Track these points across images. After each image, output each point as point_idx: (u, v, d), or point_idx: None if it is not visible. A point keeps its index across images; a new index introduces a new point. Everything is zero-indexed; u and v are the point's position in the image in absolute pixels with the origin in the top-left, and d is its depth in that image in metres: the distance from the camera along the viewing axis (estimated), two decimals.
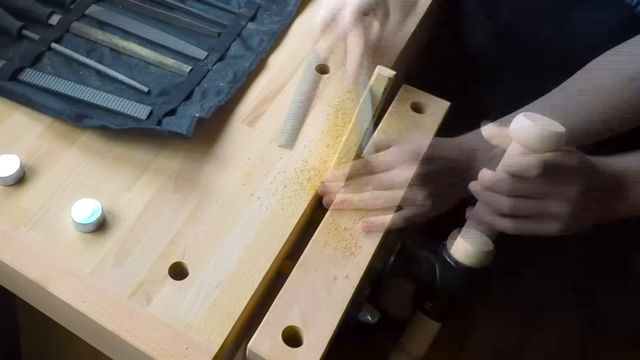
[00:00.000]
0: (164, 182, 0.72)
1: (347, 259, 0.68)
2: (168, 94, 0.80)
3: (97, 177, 0.72)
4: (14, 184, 0.70)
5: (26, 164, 0.71)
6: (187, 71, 0.82)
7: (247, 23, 0.89)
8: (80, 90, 0.78)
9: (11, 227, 0.67)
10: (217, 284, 0.65)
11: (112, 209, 0.69)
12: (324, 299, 0.65)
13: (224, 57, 0.85)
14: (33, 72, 0.79)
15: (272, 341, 0.61)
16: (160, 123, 0.75)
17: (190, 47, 0.85)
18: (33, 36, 0.83)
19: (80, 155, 0.73)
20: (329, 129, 0.79)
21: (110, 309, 0.62)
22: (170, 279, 0.65)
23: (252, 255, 0.68)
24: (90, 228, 0.67)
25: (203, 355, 0.60)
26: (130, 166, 0.73)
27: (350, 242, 0.69)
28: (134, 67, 0.82)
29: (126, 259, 0.66)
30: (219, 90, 0.80)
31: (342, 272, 0.67)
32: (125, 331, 0.61)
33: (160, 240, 0.68)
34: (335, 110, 0.81)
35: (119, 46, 0.84)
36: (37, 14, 0.85)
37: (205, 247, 0.68)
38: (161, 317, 0.62)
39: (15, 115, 0.76)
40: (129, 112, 0.76)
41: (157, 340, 0.61)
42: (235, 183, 0.73)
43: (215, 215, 0.70)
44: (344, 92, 0.83)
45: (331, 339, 0.63)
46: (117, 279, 0.64)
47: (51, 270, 0.64)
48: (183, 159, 0.74)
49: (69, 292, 0.63)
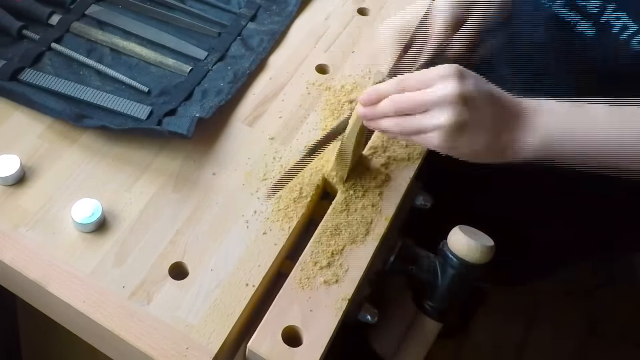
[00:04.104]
0: (164, 182, 0.72)
1: (347, 259, 0.68)
2: (168, 94, 0.80)
3: (97, 177, 0.72)
4: (14, 184, 0.70)
5: (26, 164, 0.71)
6: (187, 71, 0.82)
7: (247, 23, 0.89)
8: (80, 90, 0.78)
9: (11, 227, 0.67)
10: (217, 284, 0.65)
11: (112, 209, 0.69)
12: (323, 299, 0.65)
13: (224, 57, 0.85)
14: (33, 72, 0.79)
15: (272, 341, 0.61)
16: (161, 123, 0.75)
17: (191, 47, 0.85)
18: (33, 36, 0.83)
19: (80, 155, 0.73)
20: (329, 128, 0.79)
21: (110, 309, 0.62)
22: (170, 279, 0.65)
23: (252, 255, 0.68)
24: (90, 228, 0.67)
25: (203, 355, 0.61)
26: (130, 166, 0.73)
27: (351, 242, 0.69)
28: (134, 67, 0.82)
29: (126, 259, 0.66)
30: (219, 90, 0.80)
31: (343, 272, 0.67)
32: (125, 331, 0.61)
33: (160, 240, 0.68)
34: (332, 111, 0.81)
35: (119, 46, 0.84)
36: (37, 14, 0.85)
37: (205, 247, 0.68)
38: (161, 317, 0.62)
39: (15, 115, 0.76)
40: (129, 112, 0.76)
41: (157, 340, 0.61)
42: (235, 183, 0.73)
43: (215, 215, 0.70)
44: (344, 94, 0.83)
45: (331, 339, 0.63)
46: (117, 279, 0.64)
47: (51, 270, 0.64)
48: (183, 159, 0.74)
49: (69, 292, 0.63)
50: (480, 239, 0.70)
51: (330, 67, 0.86)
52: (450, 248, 0.70)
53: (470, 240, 0.69)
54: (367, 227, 0.71)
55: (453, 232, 0.71)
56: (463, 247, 0.69)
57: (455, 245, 0.70)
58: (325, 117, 0.80)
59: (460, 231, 0.70)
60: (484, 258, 0.69)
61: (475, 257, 0.69)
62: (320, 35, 0.90)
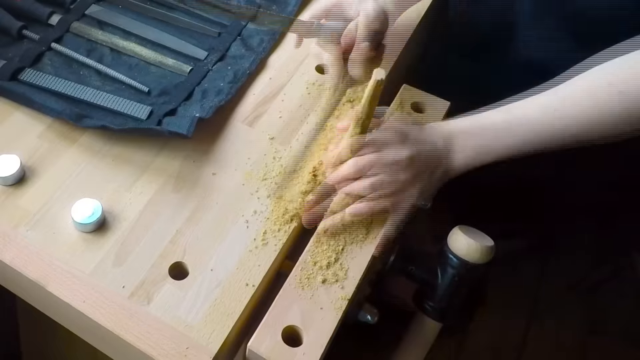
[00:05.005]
0: (164, 182, 0.72)
1: (347, 258, 0.68)
2: (168, 94, 0.80)
3: (97, 177, 0.72)
4: (14, 184, 0.70)
5: (26, 164, 0.71)
6: (187, 71, 0.82)
7: (247, 23, 0.89)
8: (80, 90, 0.78)
9: (11, 227, 0.67)
10: (217, 284, 0.65)
11: (112, 209, 0.69)
12: (324, 299, 0.65)
13: (224, 57, 0.85)
14: (33, 72, 0.79)
15: (272, 341, 0.61)
16: (161, 123, 0.75)
17: (191, 47, 0.85)
18: (33, 36, 0.83)
19: (80, 155, 0.73)
20: (329, 128, 0.79)
21: (110, 309, 0.62)
22: (170, 279, 0.65)
23: (252, 255, 0.68)
24: (90, 228, 0.67)
25: (203, 355, 0.61)
26: (130, 166, 0.73)
27: (351, 242, 0.69)
28: (134, 67, 0.82)
29: (126, 259, 0.66)
30: (219, 90, 0.80)
31: (343, 272, 0.67)
32: (125, 331, 0.61)
33: (160, 240, 0.68)
34: (332, 110, 0.81)
35: (119, 46, 0.84)
36: (37, 14, 0.85)
37: (205, 247, 0.68)
38: (161, 317, 0.62)
39: (15, 115, 0.76)
40: (129, 112, 0.76)
41: (157, 340, 0.61)
42: (235, 183, 0.73)
43: (215, 215, 0.70)
44: (345, 97, 0.83)
45: (331, 339, 0.63)
46: (117, 279, 0.64)
47: (51, 270, 0.64)
48: (183, 159, 0.74)
49: (69, 292, 0.63)
50: (480, 239, 0.70)
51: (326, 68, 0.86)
52: (450, 248, 0.71)
53: (470, 240, 0.69)
54: (367, 227, 0.71)
55: (453, 232, 0.71)
56: (463, 247, 0.70)
57: (455, 245, 0.70)
58: (326, 117, 0.80)
59: (460, 231, 0.70)
60: (484, 258, 0.70)
61: (475, 257, 0.70)
62: None
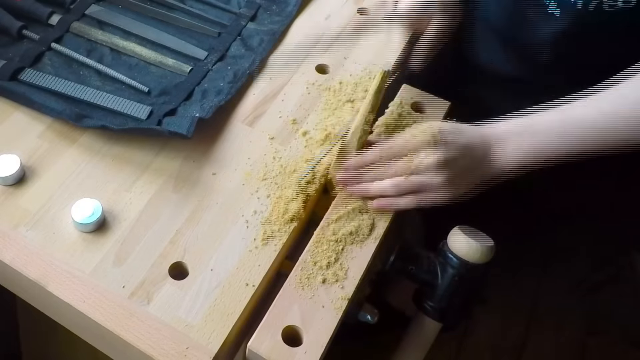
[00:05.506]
0: (164, 182, 0.72)
1: (347, 259, 0.68)
2: (168, 94, 0.80)
3: (97, 177, 0.72)
4: (14, 184, 0.70)
5: (26, 164, 0.71)
6: (187, 71, 0.82)
7: (247, 23, 0.90)
8: (80, 90, 0.78)
9: (11, 227, 0.67)
10: (217, 284, 0.65)
11: (112, 209, 0.69)
12: (324, 299, 0.65)
13: (224, 57, 0.85)
14: (33, 72, 0.79)
15: (272, 341, 0.61)
16: (161, 123, 0.75)
17: (190, 47, 0.85)
18: (33, 36, 0.83)
19: (80, 155, 0.73)
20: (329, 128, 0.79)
21: (110, 309, 0.62)
22: (170, 279, 0.65)
23: (252, 255, 0.68)
24: (90, 228, 0.67)
25: (203, 355, 0.61)
26: (130, 166, 0.73)
27: (351, 242, 0.69)
28: (134, 67, 0.82)
29: (126, 259, 0.66)
30: (219, 90, 0.80)
31: (343, 272, 0.67)
32: (125, 331, 0.61)
33: (160, 240, 0.68)
34: (332, 110, 0.81)
35: (119, 46, 0.84)
36: (37, 14, 0.85)
37: (205, 247, 0.68)
38: (161, 317, 0.62)
39: (15, 115, 0.76)
40: (129, 112, 0.76)
41: (157, 340, 0.61)
42: (235, 183, 0.73)
43: (215, 215, 0.70)
44: (344, 95, 0.83)
45: (331, 339, 0.63)
46: (117, 279, 0.64)
47: (51, 270, 0.64)
48: (183, 159, 0.74)
49: (69, 292, 0.63)
50: (481, 239, 0.70)
51: (330, 67, 0.86)
52: (450, 248, 0.71)
53: (470, 240, 0.69)
54: (367, 227, 0.71)
55: (453, 232, 0.71)
56: (463, 247, 0.70)
57: (455, 245, 0.70)
58: (325, 117, 0.80)
59: (460, 231, 0.70)
60: (484, 258, 0.70)
61: (475, 257, 0.69)
62: (320, 35, 0.90)
